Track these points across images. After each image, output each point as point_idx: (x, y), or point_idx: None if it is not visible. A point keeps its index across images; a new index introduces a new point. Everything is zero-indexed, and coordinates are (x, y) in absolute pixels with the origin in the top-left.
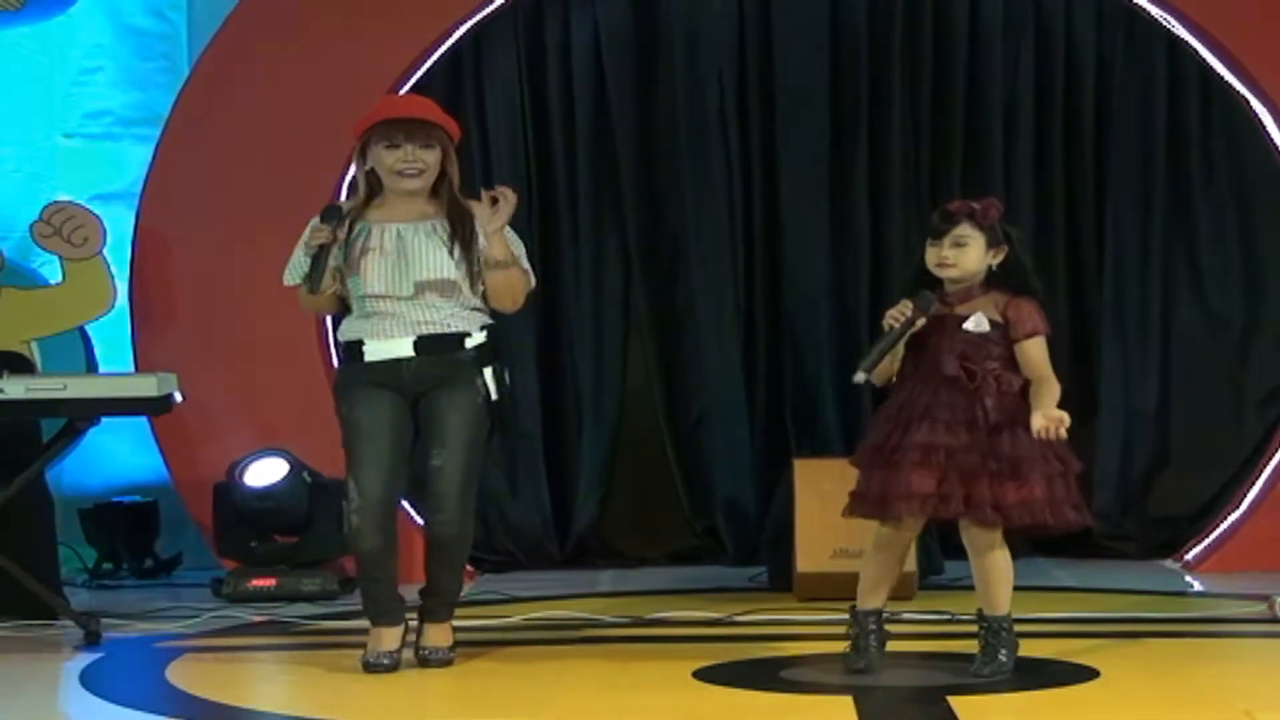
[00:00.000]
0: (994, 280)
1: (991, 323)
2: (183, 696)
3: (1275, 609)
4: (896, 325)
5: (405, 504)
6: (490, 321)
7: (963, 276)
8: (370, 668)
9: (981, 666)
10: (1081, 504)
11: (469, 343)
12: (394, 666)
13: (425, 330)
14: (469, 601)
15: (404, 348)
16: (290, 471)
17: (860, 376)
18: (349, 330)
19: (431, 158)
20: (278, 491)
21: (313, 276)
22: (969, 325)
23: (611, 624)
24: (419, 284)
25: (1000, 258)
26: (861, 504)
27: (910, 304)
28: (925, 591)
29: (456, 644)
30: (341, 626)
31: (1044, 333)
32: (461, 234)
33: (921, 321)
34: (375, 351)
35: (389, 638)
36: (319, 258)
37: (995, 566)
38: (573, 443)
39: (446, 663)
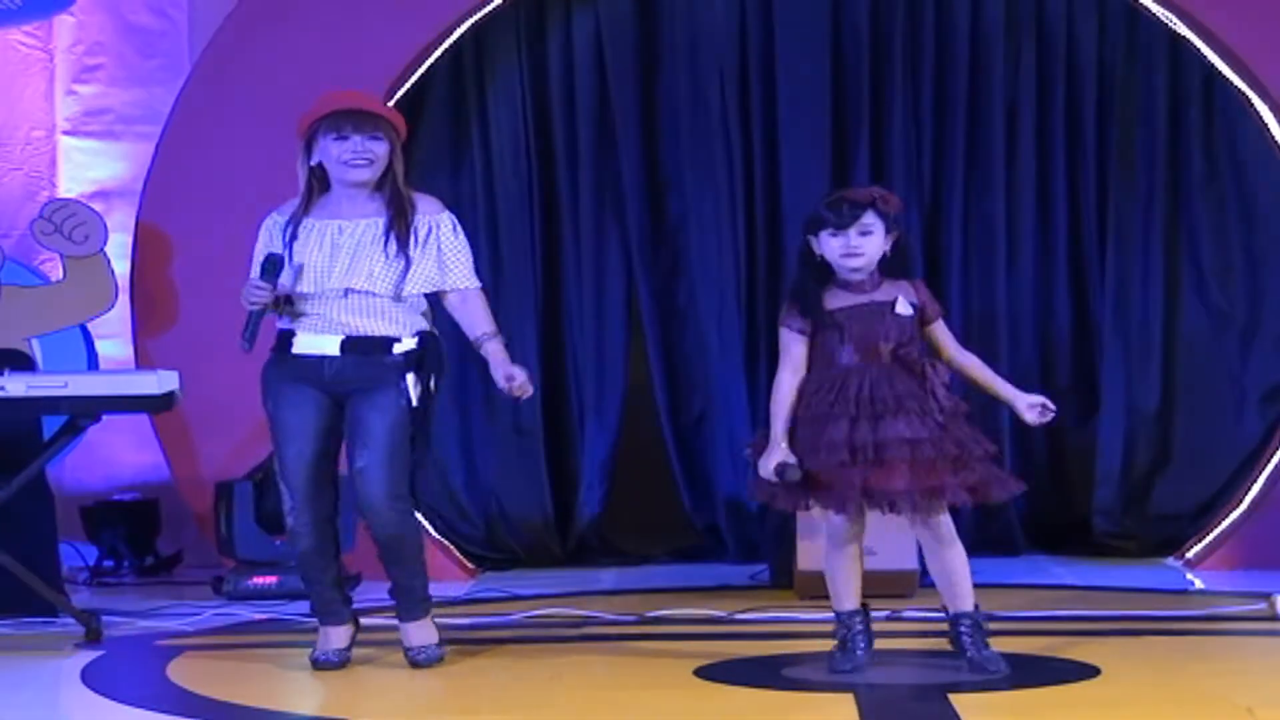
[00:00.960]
0: (882, 266)
1: (911, 305)
2: (184, 694)
3: (1276, 607)
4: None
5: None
6: (426, 328)
7: (867, 264)
8: (318, 665)
9: (989, 661)
10: (1007, 475)
11: (397, 348)
12: (341, 664)
13: (352, 331)
14: (470, 600)
15: (330, 346)
16: None
17: None
18: (284, 320)
19: (380, 149)
20: None
21: (247, 335)
22: (900, 309)
23: (613, 622)
24: (352, 285)
25: (891, 244)
26: (837, 500)
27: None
28: (926, 590)
29: (444, 640)
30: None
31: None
32: (399, 232)
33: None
34: (302, 345)
35: (336, 636)
36: (256, 316)
37: (960, 555)
38: (574, 440)
39: (436, 660)
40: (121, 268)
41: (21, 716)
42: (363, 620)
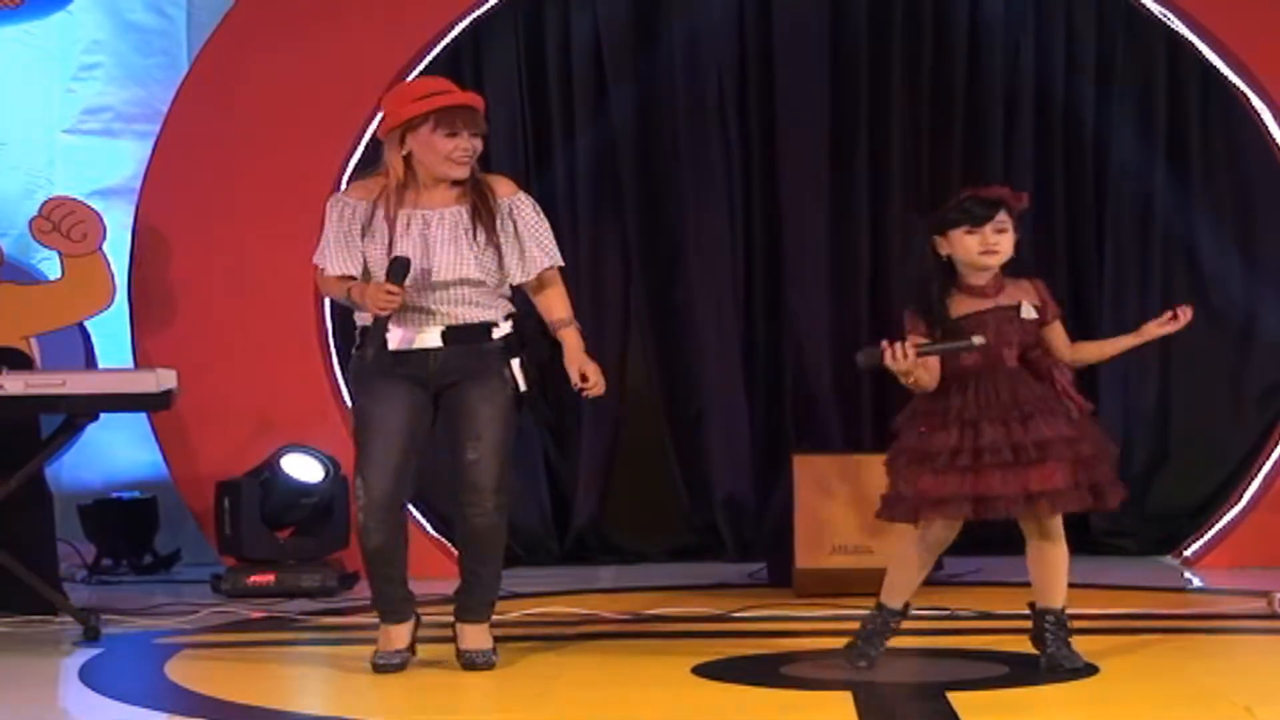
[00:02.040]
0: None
1: (1034, 308)
2: (182, 692)
3: (1275, 604)
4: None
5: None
6: (514, 310)
7: (1002, 262)
8: (380, 669)
9: (1069, 659)
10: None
11: (495, 333)
12: (403, 666)
13: (453, 321)
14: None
15: (432, 338)
16: (329, 472)
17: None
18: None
19: (479, 146)
20: (320, 489)
21: (371, 343)
22: (1025, 313)
23: (611, 620)
24: (453, 275)
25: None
26: (968, 505)
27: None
28: (925, 588)
29: (497, 645)
30: (340, 622)
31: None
32: (485, 221)
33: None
34: (400, 340)
35: (399, 636)
36: (380, 324)
37: (1064, 558)
38: (572, 439)
39: (491, 665)
40: (120, 266)
41: (20, 714)
42: (357, 619)
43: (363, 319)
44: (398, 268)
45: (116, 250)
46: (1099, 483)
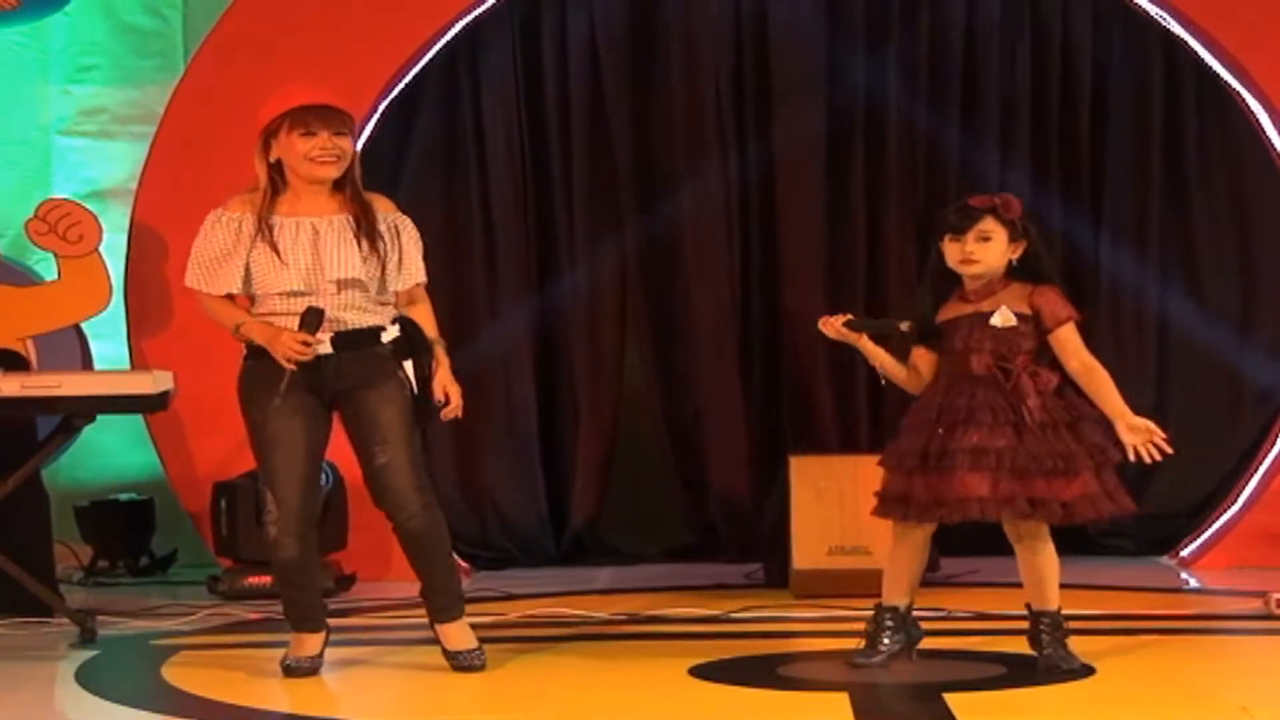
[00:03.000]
0: (1013, 275)
1: (1019, 315)
2: (178, 694)
3: (1271, 605)
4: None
5: None
6: (399, 315)
7: (985, 273)
8: (291, 671)
9: (1064, 660)
10: (1123, 490)
11: (385, 337)
12: (314, 670)
13: (341, 326)
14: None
15: (323, 345)
16: (332, 479)
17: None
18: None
19: (346, 146)
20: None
21: (284, 391)
22: (995, 320)
23: (608, 621)
24: (337, 280)
25: (1019, 252)
26: (902, 507)
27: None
28: (922, 589)
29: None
30: (337, 624)
31: (1076, 318)
32: (367, 229)
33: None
34: None
35: (311, 643)
36: (291, 374)
37: (1049, 562)
38: (569, 440)
39: (480, 666)
40: (116, 267)
41: (17, 717)
42: (359, 621)
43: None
44: (311, 319)
45: (113, 252)
46: (1040, 495)
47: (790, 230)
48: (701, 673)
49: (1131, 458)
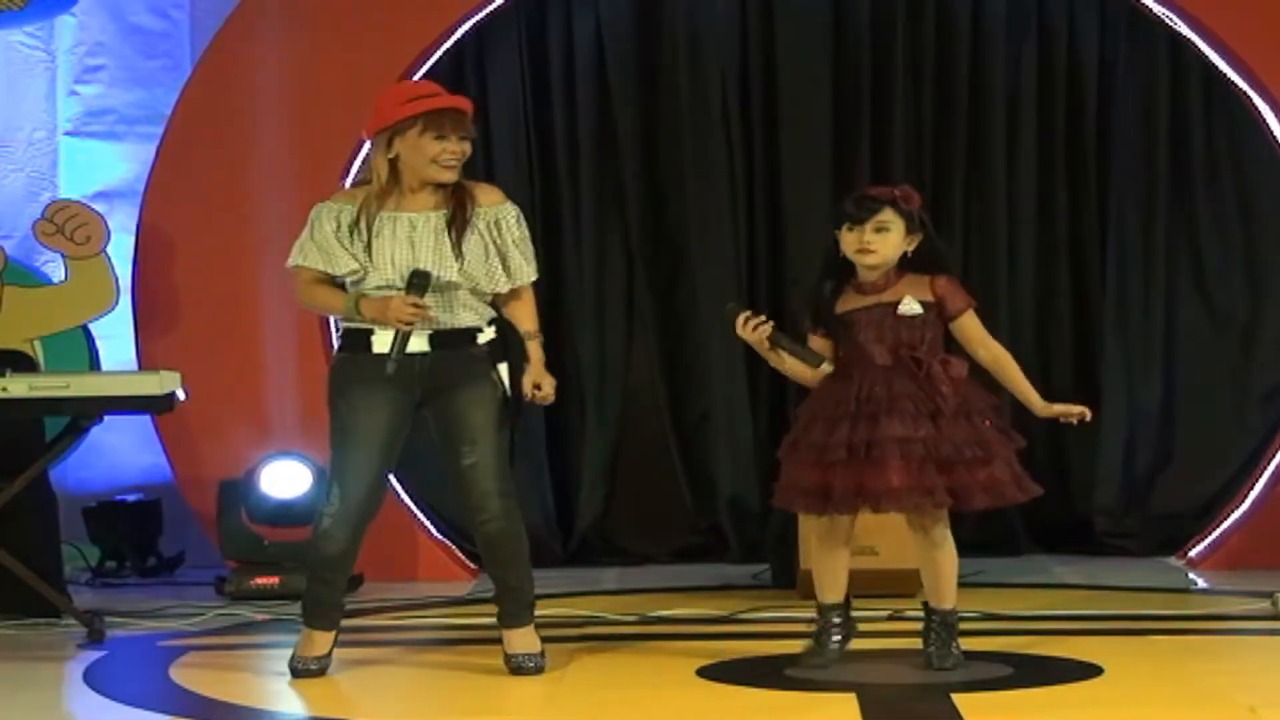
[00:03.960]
0: (907, 266)
1: (923, 304)
2: (186, 695)
3: (1278, 605)
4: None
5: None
6: (496, 316)
7: (881, 263)
8: (298, 673)
9: (943, 659)
10: (1027, 476)
11: (481, 339)
12: (322, 671)
13: (440, 325)
14: (472, 600)
15: (419, 342)
16: (314, 482)
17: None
18: (356, 318)
19: (468, 148)
20: (302, 501)
21: (395, 355)
22: (903, 309)
23: (615, 622)
24: (441, 278)
25: (914, 244)
26: (821, 501)
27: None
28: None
29: (544, 650)
30: (344, 624)
31: (974, 306)
32: (461, 228)
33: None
34: (387, 343)
35: (321, 642)
36: (406, 335)
37: (950, 558)
38: (576, 441)
39: (539, 670)
40: (123, 268)
41: (24, 717)
42: (367, 621)
43: (349, 321)
44: (419, 281)
45: (120, 252)
46: (961, 484)
47: (796, 229)
48: (709, 673)
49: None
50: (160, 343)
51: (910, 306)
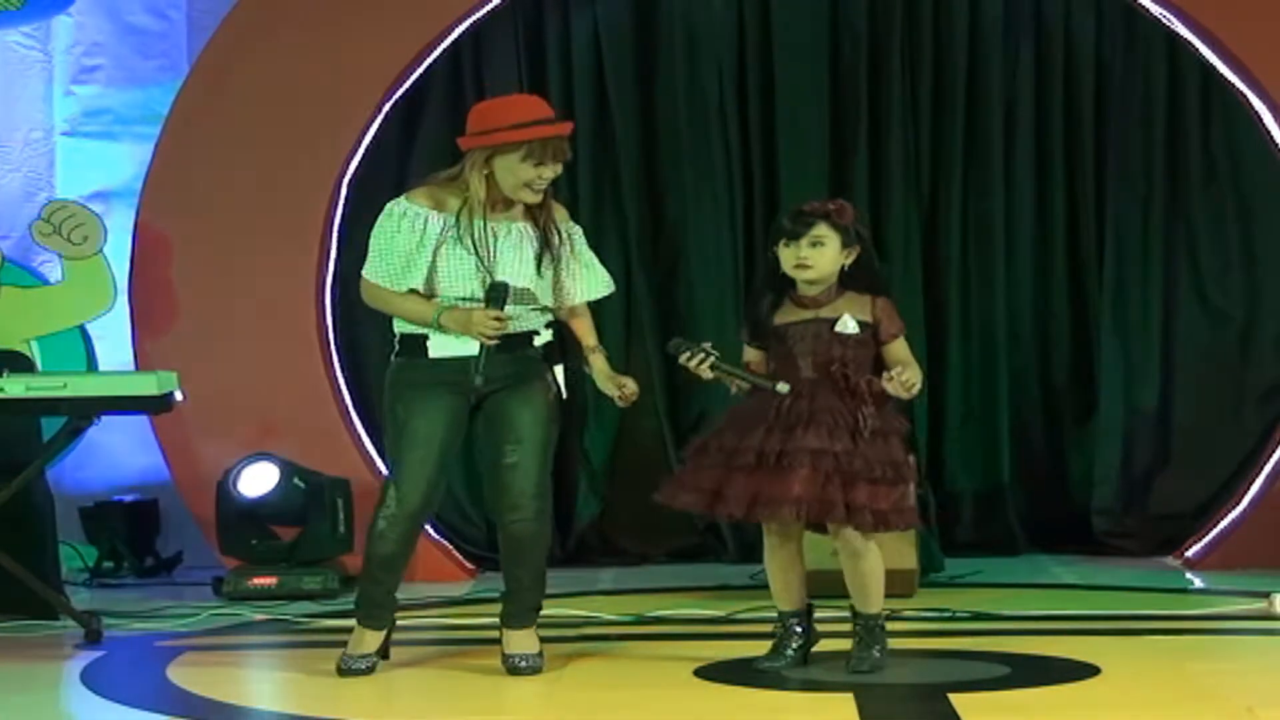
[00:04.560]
0: (845, 281)
1: (860, 324)
2: (184, 695)
3: (1276, 605)
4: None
5: None
6: (553, 319)
7: (819, 278)
8: (347, 672)
9: (860, 663)
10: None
11: (537, 340)
12: (371, 670)
13: (504, 331)
14: (470, 600)
15: (475, 346)
16: (281, 478)
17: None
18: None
19: (559, 170)
20: (270, 499)
21: (480, 371)
22: (839, 327)
23: (613, 622)
24: (518, 286)
25: (852, 258)
26: (707, 499)
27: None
28: (926, 589)
29: (543, 650)
30: (343, 625)
31: (904, 331)
32: (545, 240)
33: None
34: (444, 347)
35: (372, 640)
36: (486, 350)
37: (873, 569)
38: (574, 440)
39: (536, 670)
40: (120, 269)
41: (21, 718)
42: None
43: (401, 327)
44: (499, 294)
45: (117, 253)
46: (856, 502)
47: None
48: (706, 674)
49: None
50: (157, 343)
51: (847, 325)
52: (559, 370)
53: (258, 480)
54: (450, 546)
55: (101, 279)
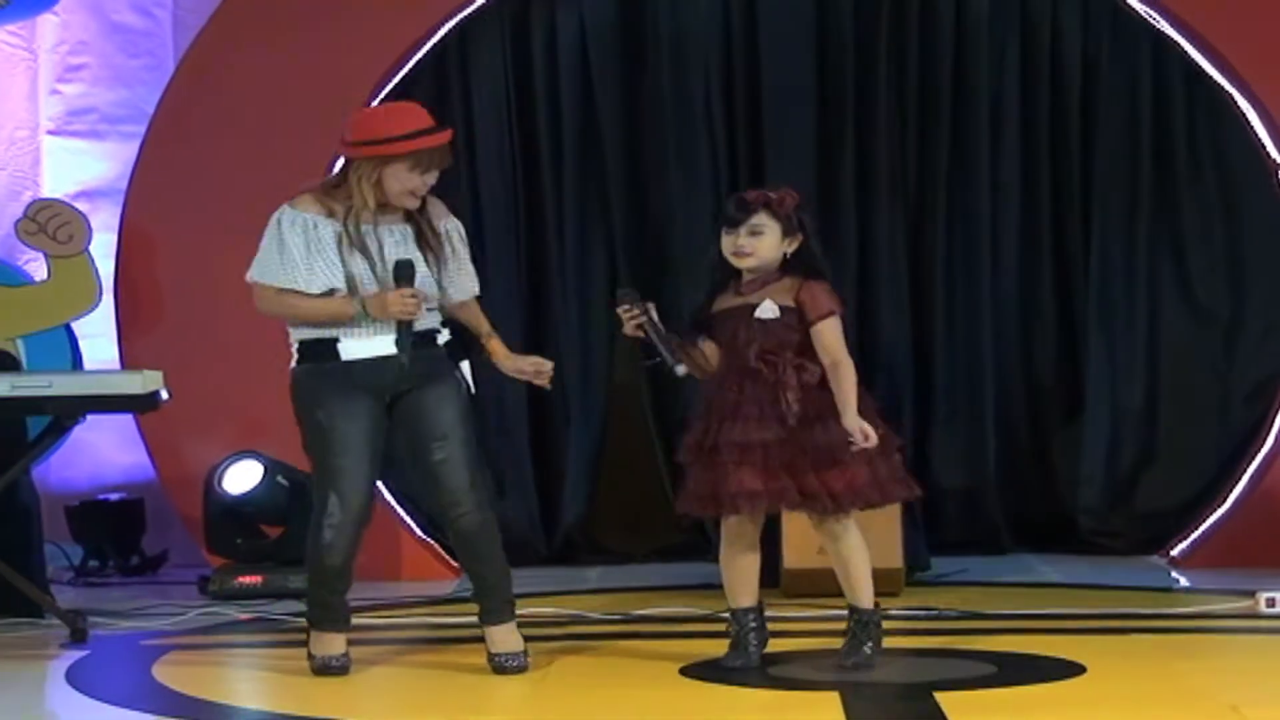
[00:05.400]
0: (788, 268)
1: (783, 308)
2: (169, 694)
3: (1261, 604)
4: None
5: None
6: (446, 318)
7: (759, 265)
8: (326, 671)
9: (845, 657)
10: (907, 477)
11: (440, 339)
12: (345, 669)
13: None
14: (455, 599)
15: (389, 346)
16: (265, 475)
17: (680, 370)
18: (319, 328)
19: (437, 175)
20: (254, 497)
21: (406, 346)
22: (759, 313)
23: (599, 620)
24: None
25: (795, 246)
26: (694, 501)
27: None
28: (912, 588)
29: (528, 648)
30: None
31: (837, 312)
32: (430, 240)
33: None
34: (357, 350)
35: (339, 642)
36: (410, 326)
37: (853, 553)
38: (560, 439)
39: (523, 669)
40: (106, 267)
41: (6, 718)
42: (352, 621)
43: (302, 333)
44: (404, 271)
45: (102, 251)
46: (808, 489)
47: None
48: (692, 672)
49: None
50: (143, 342)
51: (767, 310)
52: (466, 367)
53: (242, 477)
54: (435, 546)
55: (87, 278)
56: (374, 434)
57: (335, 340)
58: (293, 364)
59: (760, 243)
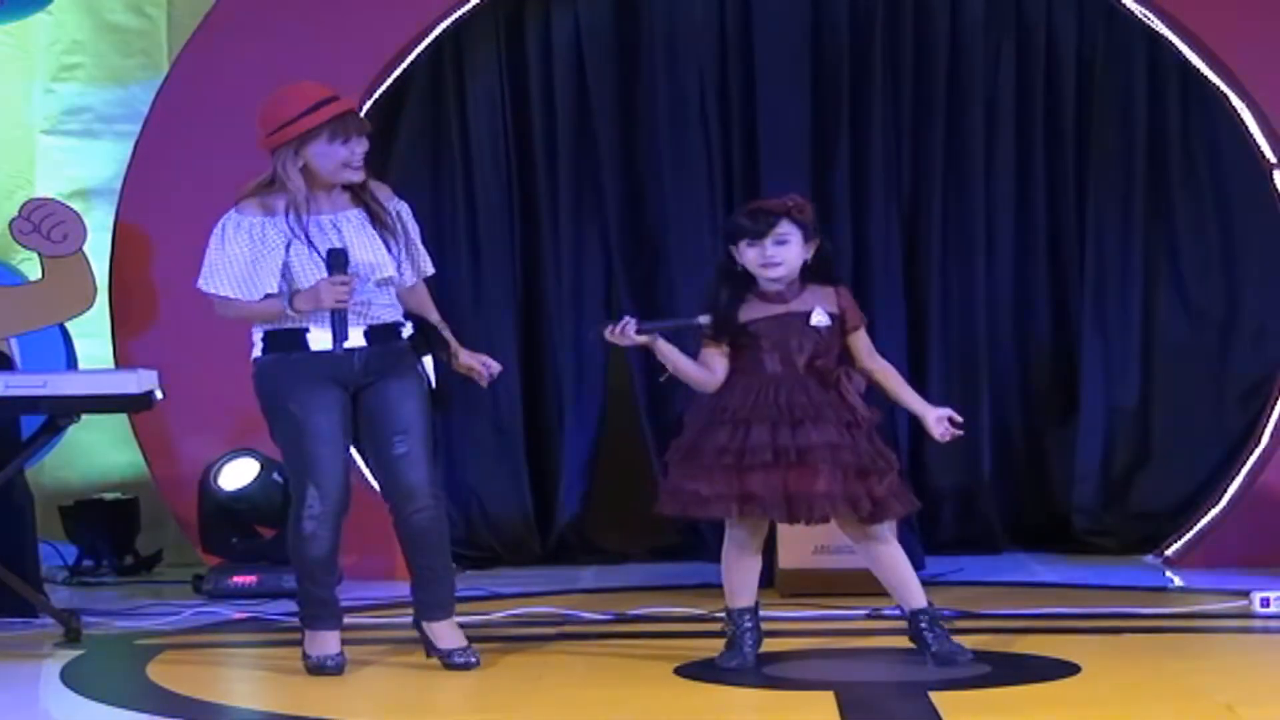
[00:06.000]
0: (806, 274)
1: (830, 315)
2: (164, 694)
3: (1255, 604)
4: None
5: None
6: (408, 310)
7: (787, 274)
8: (323, 670)
9: (958, 654)
10: (906, 491)
11: (404, 332)
12: (340, 668)
13: (373, 321)
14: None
15: (357, 337)
16: (260, 472)
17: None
18: (286, 319)
19: (366, 145)
20: (249, 495)
21: (340, 338)
22: (815, 320)
23: (593, 620)
24: (369, 274)
25: (813, 250)
26: (737, 504)
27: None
28: None
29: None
30: None
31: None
32: (384, 224)
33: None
34: (324, 340)
35: (333, 640)
36: (343, 317)
37: (902, 557)
38: (554, 438)
39: (477, 664)
40: (100, 267)
41: (0, 716)
42: (344, 619)
43: (278, 323)
44: (338, 259)
45: (97, 251)
46: (874, 494)
47: None
48: (687, 672)
49: (941, 437)
50: (137, 341)
51: (821, 318)
52: (428, 361)
53: (238, 474)
54: None
55: (81, 277)
56: (346, 424)
57: (305, 331)
58: (256, 354)
59: (787, 251)
